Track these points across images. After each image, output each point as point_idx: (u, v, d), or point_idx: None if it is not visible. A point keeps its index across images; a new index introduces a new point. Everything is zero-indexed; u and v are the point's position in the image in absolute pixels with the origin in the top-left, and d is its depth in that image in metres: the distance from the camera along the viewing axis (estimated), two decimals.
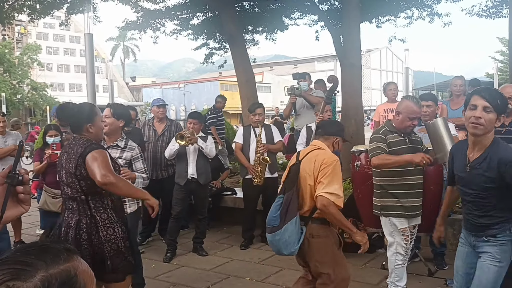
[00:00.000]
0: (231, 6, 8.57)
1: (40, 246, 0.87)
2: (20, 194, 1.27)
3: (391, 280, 3.75)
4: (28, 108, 38.65)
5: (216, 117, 8.72)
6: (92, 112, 2.97)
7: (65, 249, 0.89)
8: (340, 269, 3.10)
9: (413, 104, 3.59)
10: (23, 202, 1.28)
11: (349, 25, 7.37)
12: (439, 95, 33.11)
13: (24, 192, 1.27)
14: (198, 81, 50.85)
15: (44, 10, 8.73)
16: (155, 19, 9.80)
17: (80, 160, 2.77)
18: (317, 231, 3.05)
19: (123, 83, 53.16)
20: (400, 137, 3.60)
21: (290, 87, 6.23)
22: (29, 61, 37.12)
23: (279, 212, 3.05)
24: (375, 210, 3.79)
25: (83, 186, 2.80)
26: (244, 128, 5.93)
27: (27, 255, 0.85)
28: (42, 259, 0.84)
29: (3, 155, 5.47)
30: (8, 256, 0.85)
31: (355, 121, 7.29)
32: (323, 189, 2.94)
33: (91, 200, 2.83)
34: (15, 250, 0.87)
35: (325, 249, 3.06)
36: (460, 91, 5.86)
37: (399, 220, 3.63)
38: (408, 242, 3.69)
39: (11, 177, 1.23)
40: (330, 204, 2.92)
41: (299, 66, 52.47)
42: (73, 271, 0.86)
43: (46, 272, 0.82)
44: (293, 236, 2.97)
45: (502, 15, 9.66)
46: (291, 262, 4.93)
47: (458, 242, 5.12)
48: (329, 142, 3.22)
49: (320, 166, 3.01)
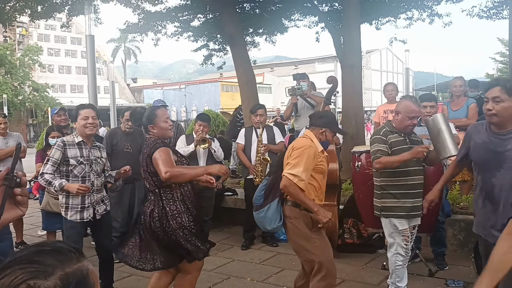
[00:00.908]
0: (231, 8, 8.59)
1: (53, 246, 0.89)
2: (18, 196, 1.26)
3: (391, 281, 3.76)
4: (29, 110, 38.69)
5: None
6: (151, 115, 3.34)
7: (75, 250, 0.91)
8: (322, 251, 3.20)
9: (412, 104, 3.62)
10: (20, 204, 1.28)
11: (349, 26, 7.39)
12: (439, 96, 33.12)
13: (22, 194, 1.26)
14: (199, 82, 50.82)
15: (45, 13, 8.75)
16: (156, 21, 9.83)
17: (148, 160, 3.21)
18: (289, 212, 3.24)
19: (124, 84, 53.21)
20: (400, 137, 3.61)
21: (291, 87, 6.25)
22: (31, 63, 37.17)
23: (263, 192, 3.35)
24: (375, 211, 3.80)
25: (155, 181, 3.23)
26: (246, 129, 5.96)
27: (42, 254, 0.86)
28: (57, 259, 0.86)
29: (4, 156, 5.49)
30: (22, 256, 0.86)
31: (355, 122, 7.30)
32: (288, 170, 3.14)
33: (163, 193, 3.25)
34: (27, 250, 0.88)
35: (297, 230, 3.23)
36: (460, 91, 5.87)
37: (400, 221, 3.64)
38: (408, 242, 3.70)
39: (9, 179, 1.22)
40: (290, 185, 3.09)
41: (300, 67, 52.42)
42: (85, 270, 0.89)
43: (63, 271, 0.84)
44: (275, 214, 3.25)
45: (502, 16, 9.67)
46: (292, 263, 4.95)
47: (458, 242, 5.16)
48: (316, 132, 3.35)
49: (291, 150, 3.24)
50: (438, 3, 9.47)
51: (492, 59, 35.14)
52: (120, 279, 4.58)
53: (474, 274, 3.93)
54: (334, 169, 5.04)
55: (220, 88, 42.41)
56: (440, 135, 3.47)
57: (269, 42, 11.17)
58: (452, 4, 9.37)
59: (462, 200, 5.57)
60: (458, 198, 5.57)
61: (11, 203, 1.25)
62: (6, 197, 1.21)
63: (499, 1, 9.52)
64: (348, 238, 5.34)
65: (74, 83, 50.58)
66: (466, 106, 5.74)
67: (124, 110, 5.83)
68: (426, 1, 9.34)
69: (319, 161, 3.24)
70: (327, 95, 5.53)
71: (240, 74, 8.56)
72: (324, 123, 3.36)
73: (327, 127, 3.34)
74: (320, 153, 3.28)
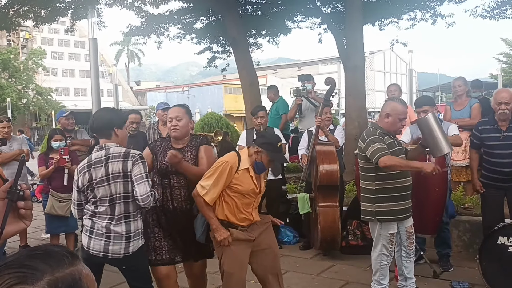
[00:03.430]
0: (234, 10, 8.60)
1: (44, 250, 0.88)
2: (21, 209, 1.24)
3: (375, 278, 3.83)
4: (33, 113, 38.84)
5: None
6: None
7: (69, 253, 0.89)
8: (229, 265, 3.19)
9: (400, 105, 3.69)
10: (24, 217, 1.27)
11: (352, 27, 7.39)
12: (443, 96, 33.03)
13: (25, 208, 1.25)
14: (202, 84, 50.89)
15: (49, 17, 8.78)
16: (159, 23, 9.84)
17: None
18: (210, 224, 3.18)
19: (128, 87, 53.32)
20: (391, 139, 3.62)
21: (296, 88, 6.27)
22: (34, 66, 37.31)
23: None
24: (366, 216, 3.76)
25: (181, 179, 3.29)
26: (247, 131, 5.96)
27: (32, 259, 0.85)
28: (47, 263, 0.84)
29: (8, 159, 5.51)
30: (13, 260, 0.85)
31: (358, 123, 7.29)
32: (201, 180, 3.12)
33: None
34: (19, 254, 0.87)
35: (213, 238, 3.20)
36: (461, 91, 5.85)
37: (392, 224, 3.67)
38: (393, 245, 3.74)
39: (11, 192, 1.21)
40: (197, 196, 3.10)
41: (303, 69, 52.34)
42: (78, 275, 0.87)
43: (52, 276, 0.82)
44: (199, 225, 3.24)
45: (506, 16, 9.63)
46: (296, 265, 4.94)
47: (463, 243, 5.14)
48: (251, 151, 3.20)
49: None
50: (441, 4, 9.45)
51: (496, 59, 35.00)
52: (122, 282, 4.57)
53: (479, 275, 3.91)
54: (334, 170, 5.05)
55: (223, 91, 42.45)
56: (432, 135, 3.52)
57: (272, 43, 11.17)
58: (455, 4, 9.35)
59: (467, 201, 5.55)
60: (462, 199, 5.55)
61: (15, 216, 1.24)
62: (8, 211, 1.21)
63: (502, 0, 9.48)
64: (352, 240, 5.32)
65: (78, 87, 50.69)
66: (469, 106, 5.73)
67: (128, 113, 5.84)
68: (428, 1, 9.32)
69: (236, 181, 3.10)
70: (326, 96, 5.54)
71: (243, 76, 8.56)
72: (261, 143, 3.17)
73: (263, 149, 3.13)
74: (242, 171, 3.11)
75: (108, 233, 2.94)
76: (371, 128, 3.71)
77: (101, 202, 2.95)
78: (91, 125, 3.07)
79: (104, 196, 2.93)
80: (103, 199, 2.94)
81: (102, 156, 2.96)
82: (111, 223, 2.94)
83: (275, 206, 5.79)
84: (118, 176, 2.91)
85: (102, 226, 2.95)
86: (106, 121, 3.04)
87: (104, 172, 2.92)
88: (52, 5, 8.28)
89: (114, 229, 2.94)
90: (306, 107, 6.43)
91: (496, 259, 3.79)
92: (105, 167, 2.92)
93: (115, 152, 2.97)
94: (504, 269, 3.75)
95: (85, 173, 2.96)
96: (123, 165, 2.92)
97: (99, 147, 3.03)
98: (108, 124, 3.02)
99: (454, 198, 5.34)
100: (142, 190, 2.88)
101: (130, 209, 2.97)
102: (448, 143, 3.55)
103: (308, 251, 5.44)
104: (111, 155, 2.96)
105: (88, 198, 3.00)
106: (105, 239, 2.94)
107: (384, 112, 3.68)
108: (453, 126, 4.60)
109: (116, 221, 2.94)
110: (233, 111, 36.46)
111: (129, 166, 2.92)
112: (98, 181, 2.93)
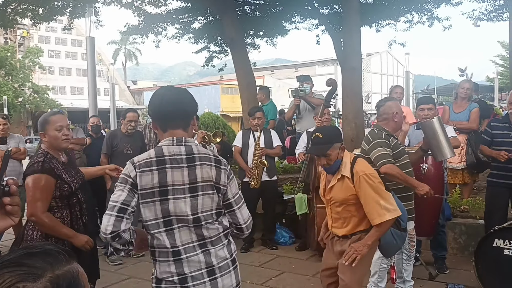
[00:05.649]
0: (232, 10, 8.60)
1: (42, 249, 0.88)
2: (7, 206, 1.19)
3: (373, 280, 3.83)
4: (29, 111, 38.71)
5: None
6: (43, 121, 3.01)
7: (65, 252, 0.90)
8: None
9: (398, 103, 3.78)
10: (11, 214, 1.21)
11: (350, 29, 7.39)
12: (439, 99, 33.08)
13: (12, 204, 1.20)
14: (199, 84, 50.82)
15: (47, 16, 8.75)
16: (156, 23, 9.83)
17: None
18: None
19: (125, 86, 53.22)
20: (395, 140, 3.63)
21: (294, 89, 6.28)
22: (31, 64, 37.23)
23: None
24: None
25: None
26: (243, 131, 5.96)
27: (31, 257, 0.85)
28: (47, 261, 0.85)
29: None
30: (10, 259, 0.85)
31: (355, 125, 7.29)
32: (380, 201, 3.01)
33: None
34: (16, 253, 0.87)
35: None
36: (466, 94, 5.82)
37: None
38: None
39: None
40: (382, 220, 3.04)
41: (300, 70, 52.39)
42: (75, 272, 0.88)
43: (53, 273, 0.83)
44: None
45: (502, 18, 9.69)
46: (292, 266, 4.94)
47: (459, 246, 5.15)
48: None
49: None
50: (437, 6, 9.47)
51: (493, 62, 35.17)
52: (119, 281, 4.56)
53: (475, 278, 3.92)
54: None
55: (220, 91, 42.42)
56: (436, 139, 3.56)
57: (270, 44, 11.18)
58: (452, 7, 9.38)
59: (463, 203, 5.56)
60: (458, 201, 5.56)
61: (2, 212, 1.19)
62: None
63: (499, 4, 9.53)
64: None
65: (74, 85, 50.58)
66: (468, 109, 5.73)
67: (124, 111, 5.83)
68: (426, 4, 9.34)
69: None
70: (327, 98, 5.54)
71: (240, 76, 8.56)
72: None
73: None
74: None
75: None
76: (375, 129, 3.66)
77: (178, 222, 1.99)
78: (159, 107, 2.07)
79: (183, 215, 1.98)
80: (182, 218, 1.98)
81: (182, 153, 2.01)
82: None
83: (271, 207, 5.79)
84: (208, 186, 2.02)
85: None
86: (190, 106, 2.12)
87: (187, 177, 1.98)
88: (50, 3, 8.25)
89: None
90: (304, 108, 6.44)
91: (492, 261, 3.80)
92: (190, 169, 1.99)
93: (201, 152, 2.06)
94: (500, 271, 3.76)
95: (153, 172, 1.96)
96: (216, 173, 2.03)
97: (176, 140, 2.02)
98: (190, 112, 2.12)
99: (450, 200, 5.35)
100: (245, 215, 2.15)
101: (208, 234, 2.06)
102: (450, 148, 3.62)
103: (304, 252, 5.45)
104: (196, 155, 2.03)
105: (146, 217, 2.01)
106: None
107: (393, 111, 3.62)
108: (450, 128, 4.61)
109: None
110: (230, 112, 36.44)
111: (222, 177, 2.05)
112: (176, 189, 1.97)
